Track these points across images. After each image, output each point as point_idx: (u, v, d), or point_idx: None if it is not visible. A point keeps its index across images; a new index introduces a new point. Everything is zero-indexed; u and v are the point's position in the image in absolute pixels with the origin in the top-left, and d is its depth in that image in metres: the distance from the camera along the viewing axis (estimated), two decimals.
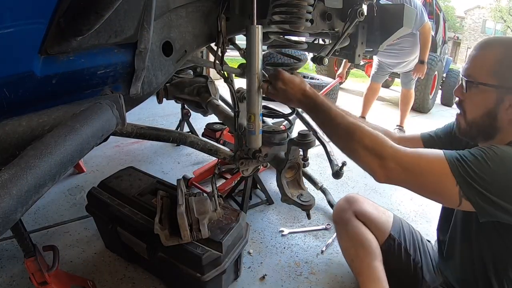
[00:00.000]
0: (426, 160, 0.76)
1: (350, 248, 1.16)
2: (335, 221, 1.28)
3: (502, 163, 0.71)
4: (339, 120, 0.85)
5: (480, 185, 0.70)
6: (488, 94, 0.80)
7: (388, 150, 0.77)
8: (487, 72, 0.79)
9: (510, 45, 0.79)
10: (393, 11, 1.12)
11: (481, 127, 0.84)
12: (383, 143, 0.79)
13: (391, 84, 7.00)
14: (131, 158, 2.21)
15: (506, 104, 0.78)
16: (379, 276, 1.04)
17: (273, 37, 0.98)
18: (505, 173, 0.70)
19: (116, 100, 0.61)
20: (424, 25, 2.61)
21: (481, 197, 0.71)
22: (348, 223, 1.18)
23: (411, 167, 0.76)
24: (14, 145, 0.48)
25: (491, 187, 0.70)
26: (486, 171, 0.70)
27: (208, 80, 1.53)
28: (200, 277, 0.99)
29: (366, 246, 1.11)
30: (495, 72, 0.78)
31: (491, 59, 0.79)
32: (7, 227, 0.39)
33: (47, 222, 1.47)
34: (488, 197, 0.70)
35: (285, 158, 1.10)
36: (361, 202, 1.21)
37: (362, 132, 0.81)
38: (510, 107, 0.78)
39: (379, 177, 0.80)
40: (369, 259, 1.08)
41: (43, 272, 0.93)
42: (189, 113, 2.45)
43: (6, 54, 0.48)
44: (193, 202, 1.02)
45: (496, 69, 0.78)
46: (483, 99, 0.81)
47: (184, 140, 1.04)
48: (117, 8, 0.52)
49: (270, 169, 2.04)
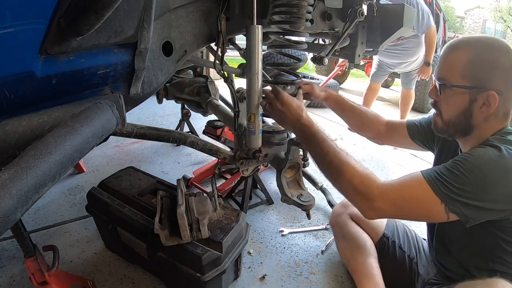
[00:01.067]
0: (409, 190, 0.79)
1: (346, 248, 1.22)
2: (332, 225, 1.35)
3: (479, 170, 0.73)
4: (330, 157, 0.86)
5: (464, 196, 0.73)
6: (461, 95, 0.82)
7: (375, 192, 0.79)
8: (459, 74, 0.82)
9: (478, 45, 0.82)
10: (393, 11, 1.12)
11: (458, 126, 0.86)
12: (371, 184, 0.81)
13: (391, 84, 7.00)
14: (131, 158, 2.21)
15: (479, 102, 0.81)
16: (373, 273, 1.09)
17: (273, 37, 0.98)
18: (484, 179, 0.73)
19: (116, 100, 0.61)
20: (430, 28, 2.62)
21: (466, 207, 0.74)
22: (344, 225, 1.25)
23: (398, 203, 0.79)
24: (14, 145, 0.48)
25: (474, 195, 0.73)
26: (466, 183, 0.73)
27: (208, 80, 1.53)
28: (200, 277, 0.99)
29: (361, 245, 1.17)
30: (466, 74, 0.81)
31: (462, 61, 0.81)
32: (7, 227, 0.39)
33: (47, 222, 1.47)
34: (473, 205, 0.74)
35: (285, 158, 1.10)
36: None
37: (352, 173, 0.83)
38: (484, 105, 0.80)
39: (368, 217, 0.83)
40: (364, 257, 1.13)
41: (43, 272, 0.93)
42: (189, 113, 2.45)
43: (6, 54, 0.48)
44: (193, 202, 1.02)
45: (467, 71, 0.81)
46: (457, 100, 0.84)
47: (184, 140, 1.04)
48: (117, 8, 0.52)
49: (270, 169, 2.04)
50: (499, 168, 0.73)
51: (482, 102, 0.80)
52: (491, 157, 0.74)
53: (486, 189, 0.73)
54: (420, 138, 1.13)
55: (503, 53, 0.79)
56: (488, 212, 0.75)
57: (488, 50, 0.80)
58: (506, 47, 0.81)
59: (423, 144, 1.14)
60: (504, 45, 0.81)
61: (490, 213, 0.75)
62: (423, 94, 4.48)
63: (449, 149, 1.02)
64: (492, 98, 0.79)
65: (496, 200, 0.74)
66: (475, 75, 0.80)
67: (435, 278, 1.04)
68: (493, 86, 0.79)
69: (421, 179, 0.78)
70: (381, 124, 1.22)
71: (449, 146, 1.01)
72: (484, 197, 0.73)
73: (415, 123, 1.15)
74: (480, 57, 0.80)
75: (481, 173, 0.73)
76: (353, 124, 1.27)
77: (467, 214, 0.75)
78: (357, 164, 0.84)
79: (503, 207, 0.74)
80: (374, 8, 1.10)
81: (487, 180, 0.73)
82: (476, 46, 0.82)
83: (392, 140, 1.24)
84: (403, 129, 1.17)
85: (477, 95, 0.81)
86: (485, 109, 0.81)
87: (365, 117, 1.23)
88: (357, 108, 1.23)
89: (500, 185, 0.73)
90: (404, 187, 0.80)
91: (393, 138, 1.22)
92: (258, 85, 0.89)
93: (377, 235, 1.20)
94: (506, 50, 0.80)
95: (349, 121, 1.27)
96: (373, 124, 1.22)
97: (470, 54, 0.81)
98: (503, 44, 0.82)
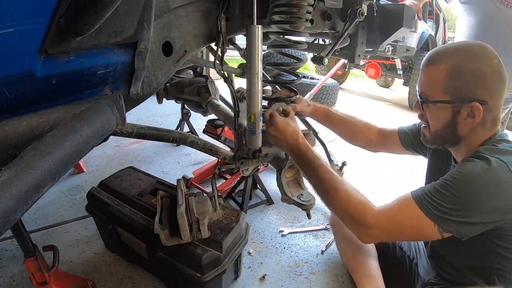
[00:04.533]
0: (402, 215, 0.79)
1: (346, 249, 1.21)
2: (332, 224, 1.35)
3: (468, 187, 0.73)
4: (326, 185, 0.86)
5: (455, 215, 0.73)
6: (444, 110, 0.82)
7: (369, 220, 0.80)
8: (439, 89, 0.81)
9: (458, 56, 0.79)
10: (393, 11, 1.12)
11: (445, 138, 0.86)
12: (365, 211, 0.81)
13: (391, 84, 7.00)
14: (131, 158, 2.21)
15: (463, 115, 0.80)
16: (374, 273, 1.08)
17: (273, 37, 0.98)
18: (473, 195, 0.72)
19: (116, 100, 0.61)
20: None
21: (459, 225, 0.74)
22: (344, 226, 1.21)
23: (391, 228, 0.79)
24: (14, 145, 0.48)
25: (466, 212, 0.73)
26: (456, 201, 0.73)
27: (208, 80, 1.53)
28: (200, 277, 0.99)
29: (361, 246, 1.17)
30: (446, 88, 0.79)
31: (441, 75, 0.80)
32: (7, 227, 0.39)
33: (47, 222, 1.47)
34: (466, 222, 0.73)
35: (285, 158, 1.10)
36: None
37: (347, 200, 0.83)
38: (468, 116, 0.79)
39: (365, 242, 0.84)
40: (364, 258, 1.13)
41: (43, 272, 0.93)
42: (189, 113, 2.45)
43: (6, 54, 0.48)
44: (193, 202, 1.02)
45: (447, 84, 0.79)
46: (441, 114, 0.83)
47: (184, 140, 1.04)
48: (117, 8, 0.52)
49: (270, 169, 2.04)
50: (488, 182, 0.72)
51: (466, 114, 0.79)
52: (479, 172, 0.72)
53: (477, 205, 0.72)
54: (412, 146, 1.13)
55: (484, 61, 0.77)
56: (482, 225, 0.75)
57: (467, 60, 0.77)
58: (488, 52, 0.78)
59: (415, 151, 1.14)
60: (486, 50, 0.78)
61: (484, 226, 0.75)
62: None
63: (441, 154, 1.02)
64: (476, 110, 0.77)
65: (488, 213, 0.73)
66: (455, 88, 0.78)
67: (435, 279, 1.04)
68: (476, 97, 0.77)
69: (411, 202, 0.78)
70: (373, 133, 1.22)
71: (441, 152, 1.01)
72: (476, 212, 0.73)
73: (406, 131, 1.14)
74: (459, 69, 0.77)
75: (470, 190, 0.72)
76: (344, 135, 1.27)
77: (461, 231, 0.74)
78: (352, 191, 0.84)
79: (496, 218, 0.74)
80: (374, 8, 1.10)
81: (477, 196, 0.72)
82: (455, 56, 0.79)
83: (385, 147, 1.24)
84: (394, 137, 1.17)
85: (459, 108, 0.79)
86: (470, 120, 0.79)
87: (355, 127, 1.23)
88: (346, 119, 1.23)
89: (491, 198, 0.72)
90: (396, 213, 0.79)
91: (385, 146, 1.22)
92: (258, 85, 0.89)
93: None
94: (488, 56, 0.77)
95: (339, 133, 1.27)
96: (364, 134, 1.23)
97: (449, 66, 0.78)
98: (485, 49, 0.79)
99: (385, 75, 5.56)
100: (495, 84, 0.77)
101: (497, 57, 0.78)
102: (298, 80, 1.05)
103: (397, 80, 6.28)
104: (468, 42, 0.86)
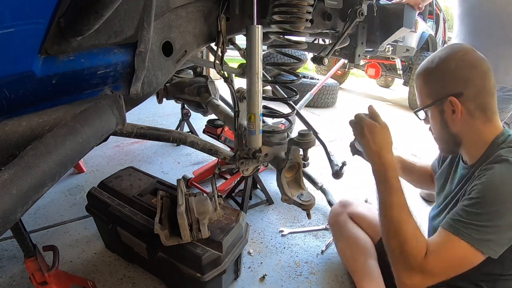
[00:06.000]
0: (447, 254, 0.74)
1: (346, 249, 1.20)
2: (331, 225, 1.33)
3: (495, 195, 0.71)
4: (394, 212, 0.81)
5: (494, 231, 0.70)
6: (434, 114, 0.88)
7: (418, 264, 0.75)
8: (424, 96, 0.89)
9: (429, 63, 0.87)
10: (393, 11, 1.12)
11: (447, 140, 0.90)
12: (418, 255, 0.76)
13: (391, 84, 7.00)
14: (131, 158, 2.21)
15: (448, 111, 0.84)
16: (374, 274, 1.08)
17: (273, 37, 0.98)
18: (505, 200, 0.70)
19: (116, 100, 0.61)
20: None
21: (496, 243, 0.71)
22: (343, 225, 1.23)
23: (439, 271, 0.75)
24: (14, 145, 0.48)
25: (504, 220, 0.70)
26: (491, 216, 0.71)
27: (208, 80, 1.53)
28: (200, 277, 0.99)
29: (361, 246, 1.16)
30: (428, 93, 0.88)
31: (421, 84, 0.89)
32: (7, 227, 0.39)
33: (47, 222, 1.47)
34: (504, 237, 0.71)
35: (285, 158, 1.09)
36: (355, 205, 1.28)
37: (407, 236, 0.78)
38: (453, 112, 0.83)
39: (403, 284, 0.78)
40: (364, 258, 1.12)
41: (43, 272, 0.93)
42: (189, 113, 2.45)
43: (6, 54, 0.48)
44: (193, 202, 1.02)
45: (427, 90, 0.88)
46: (434, 119, 0.89)
47: (184, 140, 1.04)
48: (117, 8, 0.52)
49: (270, 169, 2.04)
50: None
51: (449, 110, 0.84)
52: (502, 176, 0.72)
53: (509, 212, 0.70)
54: None
55: (448, 58, 0.83)
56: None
57: (435, 63, 0.85)
58: (452, 50, 0.84)
59: None
60: (451, 48, 0.85)
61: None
62: None
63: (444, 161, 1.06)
64: (454, 103, 0.82)
65: None
66: (433, 90, 0.86)
67: None
68: (449, 91, 0.82)
69: (452, 238, 0.74)
70: (429, 173, 1.24)
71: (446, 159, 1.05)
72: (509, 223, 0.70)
73: (435, 164, 1.17)
74: (431, 73, 0.86)
75: (498, 197, 0.70)
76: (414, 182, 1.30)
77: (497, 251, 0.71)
78: (414, 231, 0.79)
79: None
80: (374, 8, 1.10)
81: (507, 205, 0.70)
82: (427, 65, 0.88)
83: None
84: (429, 173, 1.21)
85: (442, 106, 0.85)
86: (455, 115, 0.83)
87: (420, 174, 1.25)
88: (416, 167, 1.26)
89: None
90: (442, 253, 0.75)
91: None
92: (258, 85, 0.89)
93: (377, 235, 1.18)
94: (451, 53, 0.84)
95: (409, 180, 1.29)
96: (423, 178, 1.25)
97: (424, 74, 0.88)
98: (450, 48, 0.85)
99: (385, 75, 5.56)
100: (464, 73, 0.81)
101: (464, 50, 0.83)
102: (298, 80, 1.05)
103: (397, 80, 6.28)
104: (443, 48, 0.90)
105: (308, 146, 1.02)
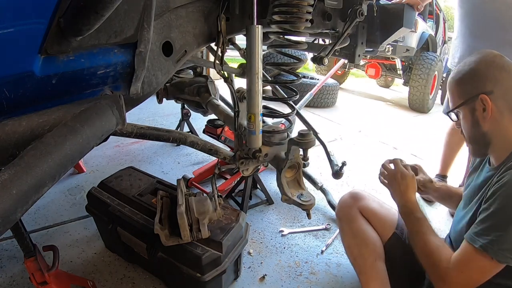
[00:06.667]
0: (469, 267, 0.81)
1: (354, 246, 1.15)
2: (339, 217, 1.25)
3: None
4: (421, 237, 0.94)
5: None
6: (465, 113, 0.93)
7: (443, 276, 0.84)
8: (456, 98, 0.95)
9: (461, 68, 0.93)
10: (393, 11, 1.12)
11: (478, 140, 0.93)
12: (441, 264, 0.85)
13: (391, 84, 7.00)
14: (131, 158, 2.21)
15: (479, 110, 0.88)
16: (382, 276, 1.05)
17: (273, 37, 0.98)
18: None
19: (116, 100, 0.61)
20: None
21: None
22: (353, 220, 1.16)
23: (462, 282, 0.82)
24: (14, 145, 0.48)
25: None
26: None
27: (208, 80, 1.53)
28: (200, 277, 0.99)
29: (370, 245, 1.10)
30: (459, 95, 0.93)
31: (454, 87, 0.96)
32: (7, 227, 0.39)
33: (47, 222, 1.47)
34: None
35: (285, 158, 1.09)
36: (367, 199, 1.21)
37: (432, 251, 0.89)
38: (483, 110, 0.88)
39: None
40: (372, 259, 1.08)
41: (43, 272, 0.93)
42: (189, 113, 2.45)
43: (6, 54, 0.48)
44: (193, 202, 1.02)
45: (459, 91, 0.93)
46: (465, 119, 0.94)
47: (184, 140, 1.04)
48: (117, 8, 0.52)
49: (270, 169, 2.04)
50: None
51: (481, 108, 0.88)
52: None
53: None
54: None
55: (478, 60, 0.90)
56: None
57: (467, 65, 0.92)
58: (484, 54, 0.91)
59: None
60: (483, 53, 0.91)
61: None
62: (423, 94, 4.48)
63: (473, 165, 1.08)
64: (485, 100, 0.86)
65: None
66: (465, 90, 0.91)
67: None
68: (480, 90, 0.87)
69: (472, 251, 0.80)
70: None
71: None
72: None
73: None
74: (463, 75, 0.93)
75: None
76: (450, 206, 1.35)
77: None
78: (437, 248, 0.89)
79: None
80: (374, 8, 1.10)
81: None
82: (460, 69, 0.94)
83: None
84: None
85: (473, 105, 0.89)
86: (485, 113, 0.87)
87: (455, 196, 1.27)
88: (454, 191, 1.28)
89: None
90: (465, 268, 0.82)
91: None
92: (258, 85, 0.89)
93: (387, 233, 1.15)
94: (482, 56, 0.90)
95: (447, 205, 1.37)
96: None
97: (457, 78, 0.94)
98: (482, 53, 0.92)
99: (385, 75, 5.56)
100: (494, 73, 0.87)
101: (493, 54, 0.90)
102: (298, 80, 1.05)
103: (397, 80, 6.28)
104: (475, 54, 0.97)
105: (308, 146, 1.02)
